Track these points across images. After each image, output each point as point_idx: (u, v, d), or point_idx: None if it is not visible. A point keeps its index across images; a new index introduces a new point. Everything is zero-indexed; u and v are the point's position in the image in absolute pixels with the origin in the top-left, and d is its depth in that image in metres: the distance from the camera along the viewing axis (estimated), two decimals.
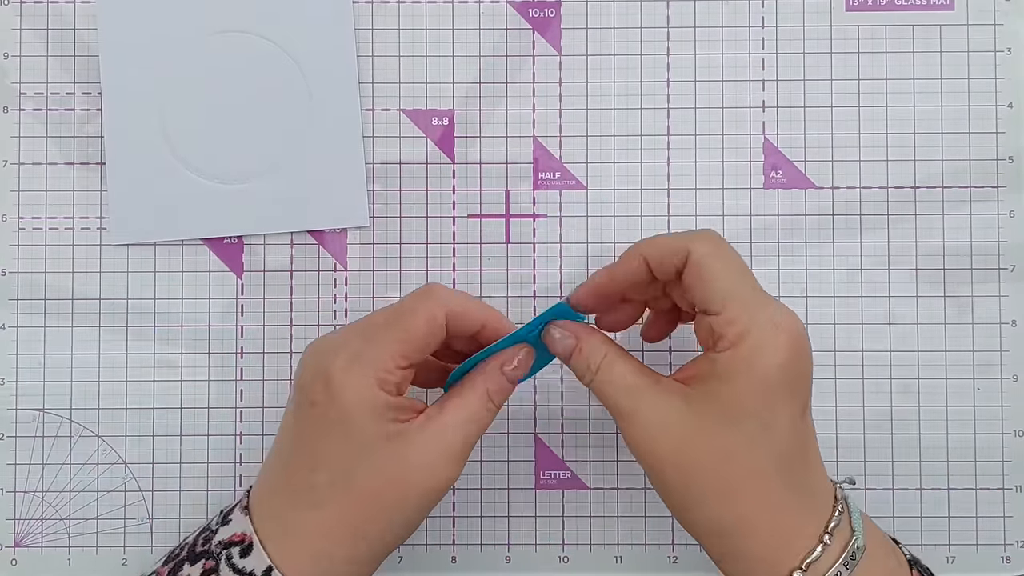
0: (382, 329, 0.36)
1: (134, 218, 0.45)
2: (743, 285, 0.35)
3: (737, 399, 0.34)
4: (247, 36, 0.45)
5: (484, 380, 0.37)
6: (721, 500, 0.35)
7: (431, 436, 0.36)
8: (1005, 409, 0.46)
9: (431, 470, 0.36)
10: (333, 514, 0.36)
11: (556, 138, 0.46)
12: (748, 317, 0.34)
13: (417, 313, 0.36)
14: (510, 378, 0.38)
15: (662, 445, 0.35)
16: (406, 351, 0.36)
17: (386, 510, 0.36)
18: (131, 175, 0.45)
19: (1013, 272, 0.46)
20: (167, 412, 0.46)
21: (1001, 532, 0.45)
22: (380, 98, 0.46)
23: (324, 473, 0.36)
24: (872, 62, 0.46)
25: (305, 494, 0.36)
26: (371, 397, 0.35)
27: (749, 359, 0.34)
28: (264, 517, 0.37)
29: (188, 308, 0.46)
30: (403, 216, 0.46)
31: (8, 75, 0.46)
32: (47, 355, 0.46)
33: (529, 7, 0.47)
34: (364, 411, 0.35)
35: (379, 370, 0.35)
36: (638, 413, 0.36)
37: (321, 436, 0.36)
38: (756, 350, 0.34)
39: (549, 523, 0.46)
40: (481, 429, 0.37)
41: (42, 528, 0.45)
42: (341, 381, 0.35)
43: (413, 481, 0.36)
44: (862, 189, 0.46)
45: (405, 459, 0.35)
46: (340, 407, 0.35)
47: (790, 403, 0.34)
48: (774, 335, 0.34)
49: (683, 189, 0.46)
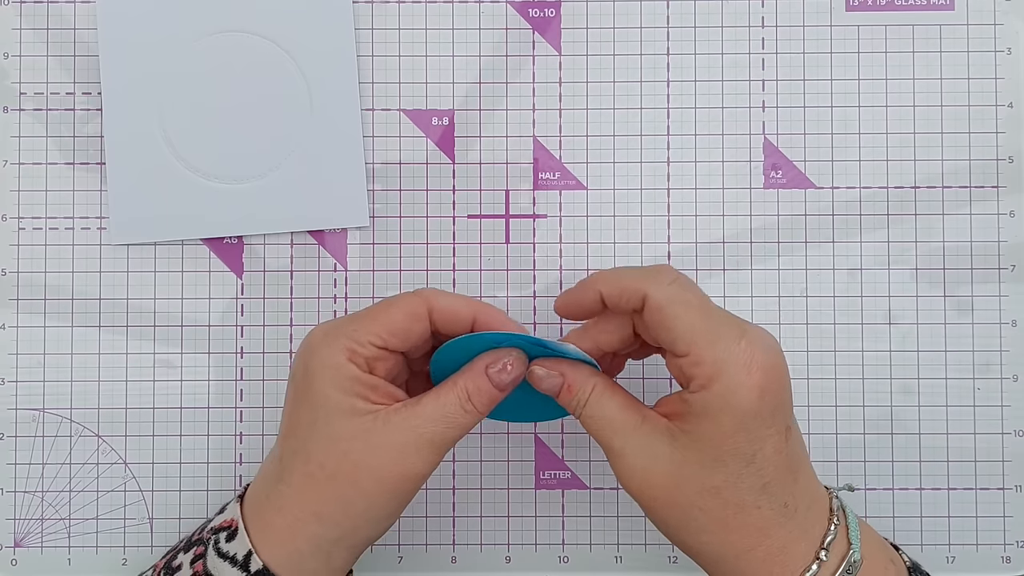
0: (366, 312, 0.37)
1: (134, 218, 0.45)
2: (706, 324, 0.34)
3: (716, 440, 0.34)
4: (247, 36, 0.45)
5: (465, 379, 0.37)
6: (712, 532, 0.35)
7: (401, 421, 0.35)
8: (1005, 409, 0.46)
9: (395, 455, 0.35)
10: (292, 489, 0.36)
11: (556, 138, 0.46)
12: (715, 358, 0.34)
13: (400, 302, 0.37)
14: (494, 381, 0.36)
15: (650, 483, 0.35)
16: (381, 332, 0.36)
17: (344, 491, 0.35)
18: (131, 175, 0.45)
19: (1013, 272, 0.46)
20: (167, 412, 0.46)
21: (1001, 532, 0.45)
22: (380, 98, 0.46)
23: (290, 441, 0.36)
24: (872, 62, 0.46)
25: (275, 466, 0.37)
26: (336, 366, 0.35)
27: (722, 401, 0.33)
28: (250, 502, 0.37)
29: (188, 308, 0.46)
30: (403, 216, 0.46)
31: (8, 75, 0.46)
32: (47, 355, 0.46)
33: (529, 7, 0.47)
34: (327, 380, 0.35)
35: (350, 340, 0.36)
36: (625, 453, 0.35)
37: (294, 406, 0.37)
38: (728, 392, 0.33)
39: (549, 523, 0.46)
40: (457, 430, 0.36)
41: (42, 528, 0.45)
42: (312, 351, 0.36)
43: (374, 464, 0.35)
44: (862, 189, 0.46)
45: (368, 438, 0.35)
46: (308, 374, 0.36)
47: (770, 434, 0.34)
48: (746, 374, 0.33)
49: (683, 189, 0.46)
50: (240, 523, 0.37)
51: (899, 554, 0.38)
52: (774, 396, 0.34)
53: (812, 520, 0.35)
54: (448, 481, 0.46)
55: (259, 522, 0.36)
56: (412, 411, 0.36)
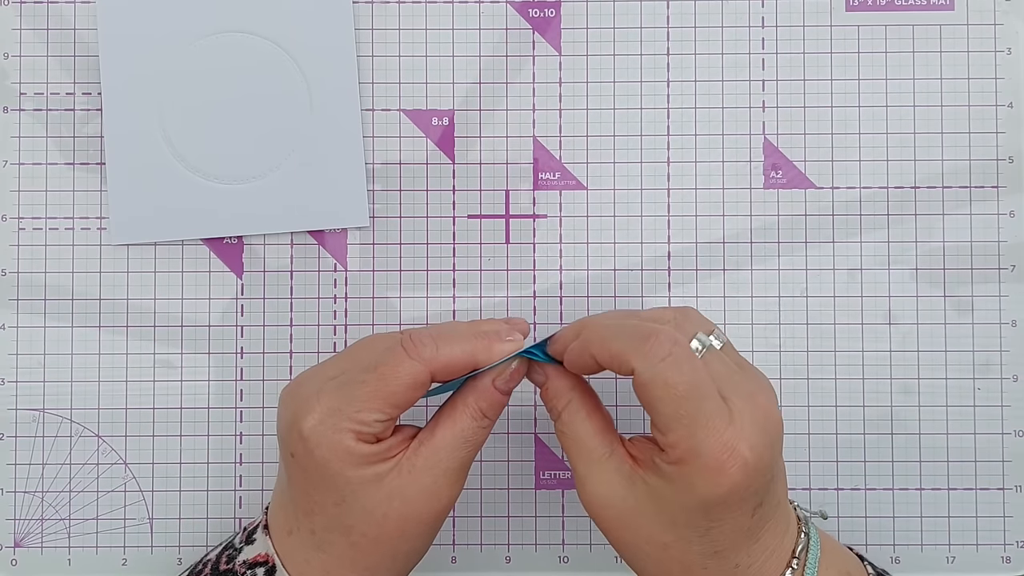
0: (360, 385, 0.35)
1: (134, 218, 0.45)
2: (689, 410, 0.32)
3: (674, 510, 0.33)
4: (247, 36, 0.45)
5: (476, 398, 0.36)
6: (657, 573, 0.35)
7: (425, 462, 0.35)
8: (1005, 409, 0.46)
9: (429, 496, 0.35)
10: (336, 557, 0.36)
11: (556, 138, 0.46)
12: (691, 446, 0.32)
13: (397, 371, 0.35)
14: (503, 391, 0.36)
15: (605, 517, 0.35)
16: (384, 407, 0.35)
17: (389, 543, 0.36)
18: (131, 175, 0.45)
19: (1013, 272, 0.46)
20: (167, 412, 0.46)
21: (1001, 532, 0.45)
22: (380, 98, 0.46)
23: (320, 518, 0.36)
24: (872, 62, 0.46)
25: (308, 536, 0.36)
26: (348, 450, 0.34)
27: (691, 482, 0.32)
28: (279, 543, 0.37)
29: (188, 308, 0.46)
30: (403, 216, 0.46)
31: (8, 75, 0.46)
32: (47, 355, 0.46)
33: (529, 7, 0.47)
34: (342, 464, 0.34)
35: (355, 423, 0.34)
36: (587, 482, 0.35)
37: (308, 484, 0.36)
38: (698, 475, 0.32)
39: (549, 523, 0.46)
40: (476, 447, 0.36)
41: (42, 528, 0.45)
42: (315, 438, 0.34)
43: (413, 512, 0.35)
44: (862, 189, 0.46)
45: (400, 493, 0.35)
46: (318, 462, 0.35)
47: (734, 515, 0.33)
48: (717, 469, 0.32)
49: (683, 189, 0.46)
50: (277, 561, 0.36)
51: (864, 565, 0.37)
52: (747, 487, 0.33)
53: (768, 570, 0.35)
54: None
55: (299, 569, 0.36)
56: (431, 447, 0.36)
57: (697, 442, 0.32)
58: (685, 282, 0.46)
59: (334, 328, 0.46)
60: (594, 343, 0.34)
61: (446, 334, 0.36)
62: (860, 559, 0.38)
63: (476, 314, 0.46)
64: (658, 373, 0.32)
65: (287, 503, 0.37)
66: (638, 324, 0.34)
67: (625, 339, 0.33)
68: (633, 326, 0.34)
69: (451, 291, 0.46)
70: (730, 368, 0.34)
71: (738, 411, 0.33)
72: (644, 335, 0.33)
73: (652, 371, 0.32)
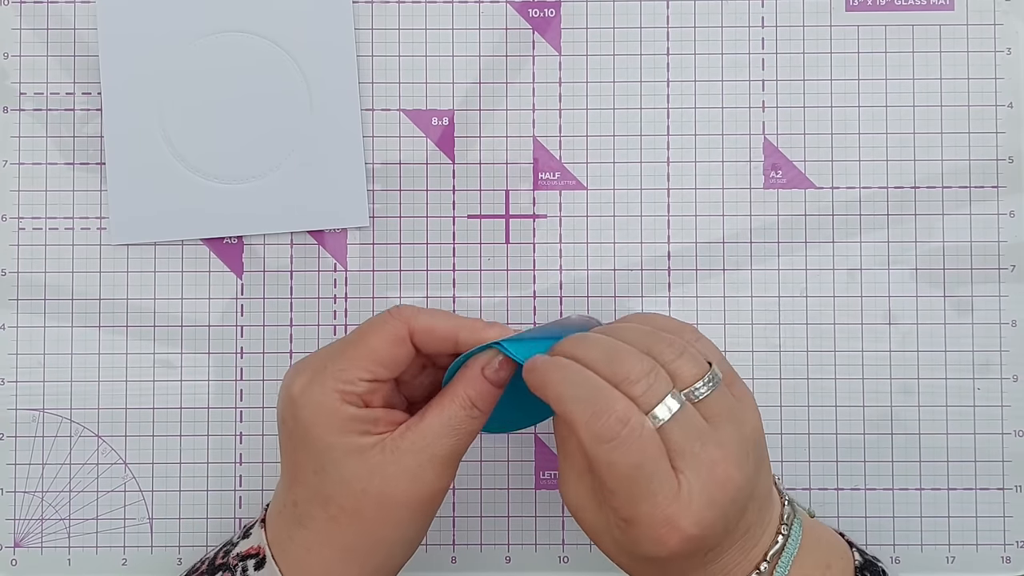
0: (346, 346, 0.36)
1: (134, 218, 0.45)
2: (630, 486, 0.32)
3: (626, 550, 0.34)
4: (247, 36, 0.45)
5: (464, 386, 0.36)
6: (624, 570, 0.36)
7: (410, 445, 0.35)
8: (1005, 409, 0.46)
9: (413, 480, 0.35)
10: (316, 532, 0.36)
11: (556, 138, 0.46)
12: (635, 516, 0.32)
13: (379, 329, 0.36)
14: (493, 381, 0.36)
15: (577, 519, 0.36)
16: (368, 365, 0.35)
17: (369, 524, 0.35)
18: (131, 175, 0.45)
19: (1013, 272, 0.46)
20: (167, 412, 0.46)
21: (1001, 532, 0.45)
22: (380, 98, 0.46)
23: (301, 489, 0.36)
24: (872, 62, 0.46)
25: (292, 510, 0.36)
26: (332, 410, 0.35)
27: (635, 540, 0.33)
28: (273, 531, 0.37)
29: (188, 308, 0.46)
30: (403, 216, 0.46)
31: (8, 75, 0.46)
32: (47, 355, 0.46)
33: (529, 7, 0.47)
34: (325, 426, 0.35)
35: (340, 382, 0.35)
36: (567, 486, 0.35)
37: (294, 451, 0.36)
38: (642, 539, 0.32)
39: (549, 523, 0.46)
40: (466, 436, 0.36)
41: (42, 528, 0.45)
42: (301, 398, 0.35)
43: (395, 493, 0.35)
44: (862, 189, 0.46)
45: (380, 471, 0.35)
46: (302, 424, 0.35)
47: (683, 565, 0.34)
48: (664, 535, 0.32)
49: (683, 189, 0.46)
50: (267, 552, 0.36)
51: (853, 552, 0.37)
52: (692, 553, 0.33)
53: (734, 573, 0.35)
54: None
55: (288, 559, 0.36)
56: (418, 432, 0.35)
57: (638, 514, 0.32)
58: (685, 282, 0.46)
59: (334, 328, 0.46)
60: (548, 388, 0.33)
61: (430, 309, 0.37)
62: (850, 545, 0.38)
63: (476, 314, 0.46)
64: (601, 453, 0.32)
65: (280, 482, 0.37)
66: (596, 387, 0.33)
67: (579, 403, 0.33)
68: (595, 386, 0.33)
69: (451, 291, 0.46)
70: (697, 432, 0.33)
71: (687, 485, 0.32)
72: (597, 410, 0.32)
73: (596, 450, 0.32)
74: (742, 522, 0.34)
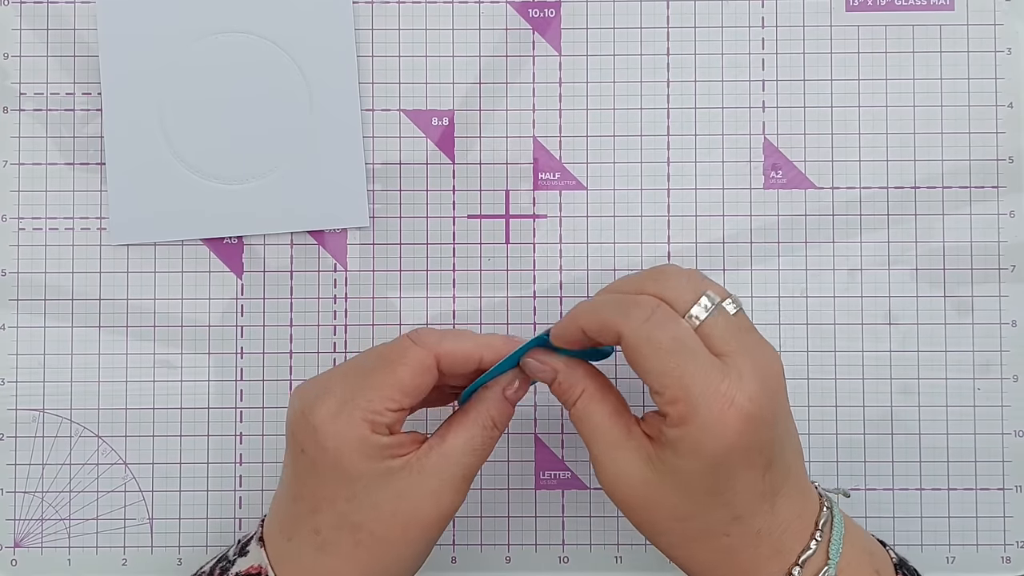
0: (370, 374, 0.36)
1: (134, 218, 0.45)
2: (680, 364, 0.33)
3: (686, 477, 0.34)
4: (247, 36, 0.46)
5: (487, 407, 0.37)
6: (681, 549, 0.36)
7: (434, 466, 0.36)
8: (1005, 409, 0.46)
9: (435, 500, 0.36)
10: (340, 559, 0.36)
11: (556, 138, 0.46)
12: (688, 400, 0.32)
13: (406, 359, 0.35)
14: (512, 401, 0.37)
15: (626, 498, 0.35)
16: (396, 396, 0.35)
17: (393, 546, 0.36)
18: (131, 175, 0.45)
19: (1013, 272, 0.46)
20: (167, 412, 0.46)
21: (1001, 532, 0.45)
22: (380, 98, 0.46)
23: (327, 516, 0.36)
24: (872, 62, 0.46)
25: (310, 536, 0.36)
26: (361, 440, 0.35)
27: (694, 442, 0.33)
28: (276, 551, 0.37)
29: (188, 308, 0.46)
30: (403, 216, 0.46)
31: (8, 75, 0.46)
32: (47, 355, 0.46)
33: (529, 7, 0.47)
34: (355, 456, 0.35)
35: (368, 412, 0.35)
36: (606, 464, 0.35)
37: (317, 480, 0.36)
38: (702, 432, 0.33)
39: (549, 523, 0.46)
40: (482, 457, 0.37)
41: (42, 528, 0.45)
42: (327, 430, 0.35)
43: (418, 514, 0.36)
44: (862, 189, 0.46)
45: (408, 493, 0.35)
46: (331, 454, 0.35)
47: (744, 473, 0.34)
48: (719, 420, 0.32)
49: (683, 189, 0.46)
50: (270, 573, 0.36)
51: (887, 550, 0.38)
52: (751, 437, 0.33)
53: (790, 538, 0.35)
54: None
55: None
56: (442, 452, 0.36)
57: (692, 396, 0.32)
58: None
59: (334, 328, 0.46)
60: (582, 316, 0.35)
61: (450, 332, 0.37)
62: (882, 544, 0.38)
63: (476, 314, 0.46)
64: (645, 331, 0.33)
65: (289, 505, 0.37)
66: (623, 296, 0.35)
67: (610, 308, 0.34)
68: (617, 298, 0.35)
69: (451, 291, 0.46)
70: (733, 329, 0.34)
71: (734, 365, 0.33)
72: (627, 303, 0.34)
73: (636, 332, 0.33)
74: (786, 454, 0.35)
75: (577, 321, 0.35)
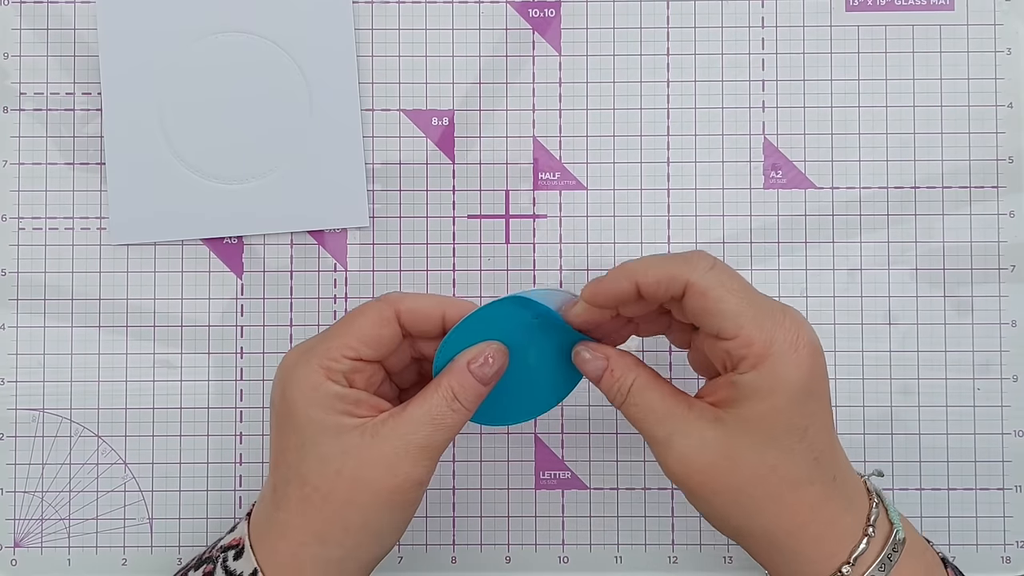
0: (334, 326, 0.37)
1: (134, 218, 0.45)
2: (751, 306, 0.34)
3: (771, 419, 0.34)
4: (247, 36, 0.46)
5: (449, 378, 0.36)
6: (765, 512, 0.35)
7: (390, 431, 0.35)
8: (1005, 409, 0.46)
9: (386, 467, 0.35)
10: (291, 514, 0.36)
11: (556, 138, 0.46)
12: (765, 337, 0.34)
13: (365, 311, 0.36)
14: (478, 376, 0.36)
15: (700, 471, 0.35)
16: (352, 343, 0.36)
17: (341, 508, 0.35)
18: (131, 175, 0.45)
19: (1013, 272, 0.46)
20: (167, 412, 0.46)
21: (1001, 532, 0.45)
22: (380, 98, 0.46)
23: (281, 470, 0.36)
24: (872, 62, 0.46)
25: (270, 495, 0.37)
26: (314, 387, 0.35)
27: (775, 379, 0.34)
28: (255, 528, 0.37)
29: (188, 308, 0.46)
30: (403, 216, 0.46)
31: (8, 75, 0.46)
32: (47, 355, 0.46)
33: (529, 7, 0.47)
34: (309, 402, 0.35)
35: (325, 359, 0.35)
36: (672, 442, 0.35)
37: (278, 431, 0.36)
38: (780, 369, 0.33)
39: (549, 523, 0.46)
40: (446, 430, 0.36)
41: (42, 528, 0.45)
42: (287, 377, 0.36)
43: (368, 478, 0.35)
44: (862, 189, 0.46)
45: (357, 452, 0.35)
46: (288, 401, 0.36)
47: (819, 408, 0.35)
48: (794, 352, 0.34)
49: (683, 189, 0.46)
50: (247, 541, 0.36)
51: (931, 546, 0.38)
52: (820, 371, 0.34)
53: (854, 492, 0.36)
54: (448, 481, 0.46)
55: (265, 548, 0.36)
56: (399, 419, 0.35)
57: (767, 333, 0.34)
58: None
59: None
60: (640, 271, 0.35)
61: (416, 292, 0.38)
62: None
63: None
64: (714, 277, 0.34)
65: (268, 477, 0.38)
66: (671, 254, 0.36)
67: (669, 261, 0.35)
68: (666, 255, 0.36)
69: (451, 291, 0.46)
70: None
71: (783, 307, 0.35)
72: (685, 256, 0.35)
73: (707, 278, 0.34)
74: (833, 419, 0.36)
75: (633, 276, 0.35)
